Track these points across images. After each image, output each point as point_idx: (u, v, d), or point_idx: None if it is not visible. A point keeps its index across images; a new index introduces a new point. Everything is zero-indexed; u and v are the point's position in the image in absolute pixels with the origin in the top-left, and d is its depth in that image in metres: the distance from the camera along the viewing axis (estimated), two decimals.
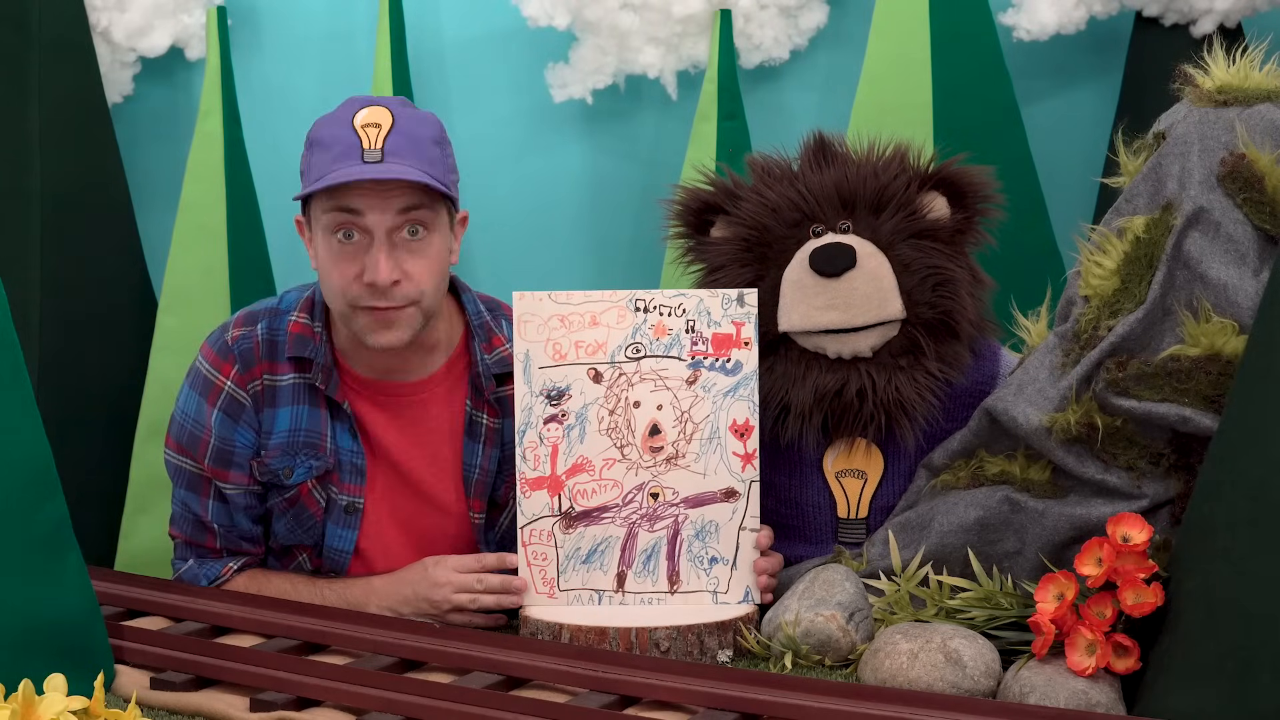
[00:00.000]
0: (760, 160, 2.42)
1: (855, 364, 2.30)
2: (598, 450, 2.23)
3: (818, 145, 2.38)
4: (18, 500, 1.87)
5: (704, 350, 2.24)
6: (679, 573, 2.24)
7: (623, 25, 3.07)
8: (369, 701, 1.90)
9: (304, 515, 2.37)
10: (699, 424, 2.24)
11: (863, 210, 2.33)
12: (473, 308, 2.40)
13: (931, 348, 2.30)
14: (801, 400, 2.30)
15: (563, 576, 2.24)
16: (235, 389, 2.34)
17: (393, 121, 2.24)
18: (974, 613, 2.11)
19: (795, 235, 2.34)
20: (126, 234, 3.16)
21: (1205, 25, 2.96)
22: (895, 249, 2.31)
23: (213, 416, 2.35)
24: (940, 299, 2.31)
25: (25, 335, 2.32)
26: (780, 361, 2.33)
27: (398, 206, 2.23)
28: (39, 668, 1.71)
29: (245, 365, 2.35)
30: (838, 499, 2.38)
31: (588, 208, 3.27)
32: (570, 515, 2.24)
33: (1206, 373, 2.07)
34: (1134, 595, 1.90)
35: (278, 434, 2.34)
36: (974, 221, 2.36)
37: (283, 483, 2.35)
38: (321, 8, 3.30)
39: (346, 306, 2.28)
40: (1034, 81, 3.14)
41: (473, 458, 2.38)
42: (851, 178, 2.33)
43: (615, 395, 2.23)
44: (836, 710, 1.82)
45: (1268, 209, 2.11)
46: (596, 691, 1.92)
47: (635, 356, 2.23)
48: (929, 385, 2.30)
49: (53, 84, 3.00)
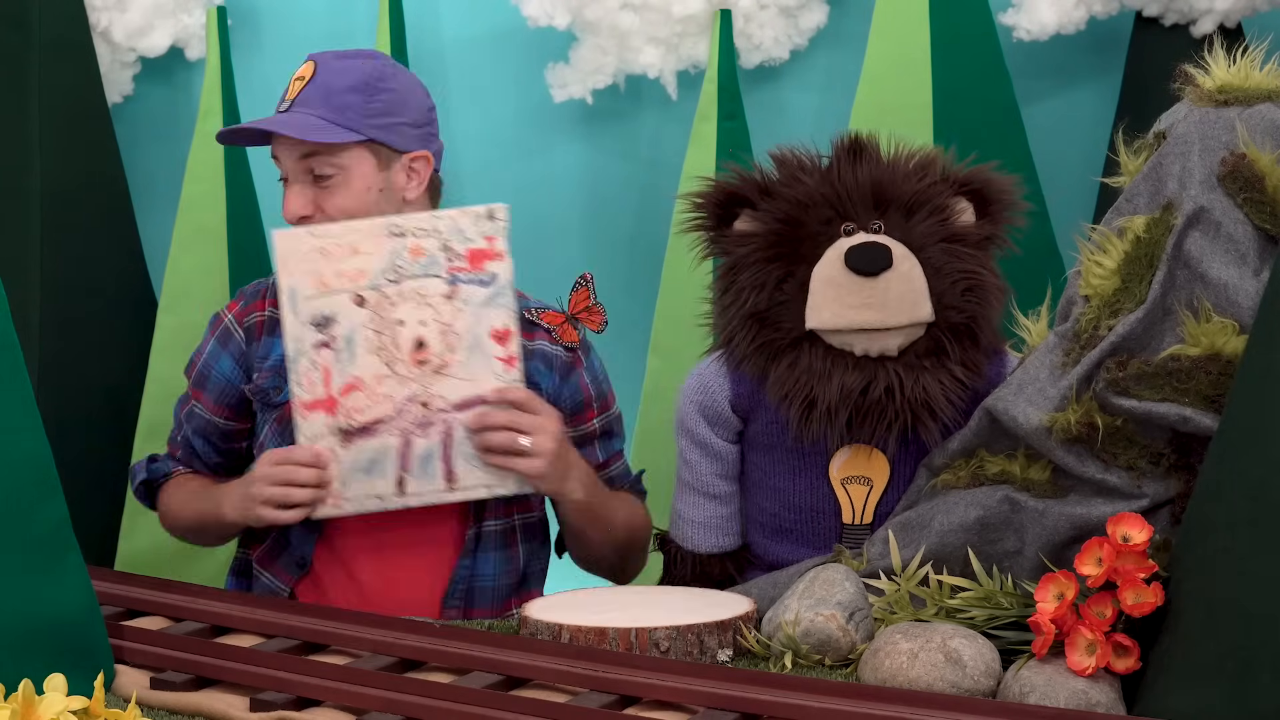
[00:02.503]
0: (789, 155, 2.39)
1: (882, 363, 2.29)
2: (369, 369, 2.33)
3: (853, 144, 2.37)
4: (18, 500, 1.87)
5: (460, 266, 2.34)
6: (455, 472, 2.34)
7: (623, 25, 3.07)
8: (369, 701, 1.90)
9: (291, 432, 2.40)
10: (461, 334, 2.34)
11: (895, 212, 2.32)
12: None
13: (956, 351, 2.30)
14: (828, 397, 2.29)
15: (346, 488, 2.34)
16: (232, 321, 2.51)
17: (314, 72, 2.42)
18: (974, 613, 2.11)
19: (826, 232, 2.32)
20: (126, 234, 3.16)
21: (1205, 25, 2.96)
22: (926, 252, 2.30)
23: (209, 343, 2.52)
24: (968, 304, 2.30)
25: (25, 335, 2.32)
26: (804, 357, 2.31)
27: (298, 153, 2.41)
28: (39, 668, 1.71)
29: (248, 301, 2.51)
30: (843, 505, 2.38)
31: (588, 208, 3.27)
32: (348, 431, 2.34)
33: (1206, 373, 2.07)
34: (1134, 595, 1.90)
35: (273, 358, 2.44)
36: (1000, 229, 2.36)
37: (273, 401, 2.45)
38: (321, 8, 3.31)
39: None
40: (1034, 81, 3.14)
41: None
42: (886, 178, 2.33)
43: (380, 317, 2.33)
44: (836, 710, 1.82)
45: (1268, 209, 2.11)
46: (596, 691, 1.92)
47: (396, 279, 2.33)
48: (954, 387, 2.30)
49: (53, 84, 3.00)
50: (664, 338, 3.04)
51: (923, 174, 2.34)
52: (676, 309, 3.00)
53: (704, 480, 2.46)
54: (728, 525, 2.48)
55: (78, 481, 2.53)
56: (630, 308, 3.19)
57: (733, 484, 2.47)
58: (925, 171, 2.35)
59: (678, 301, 3.00)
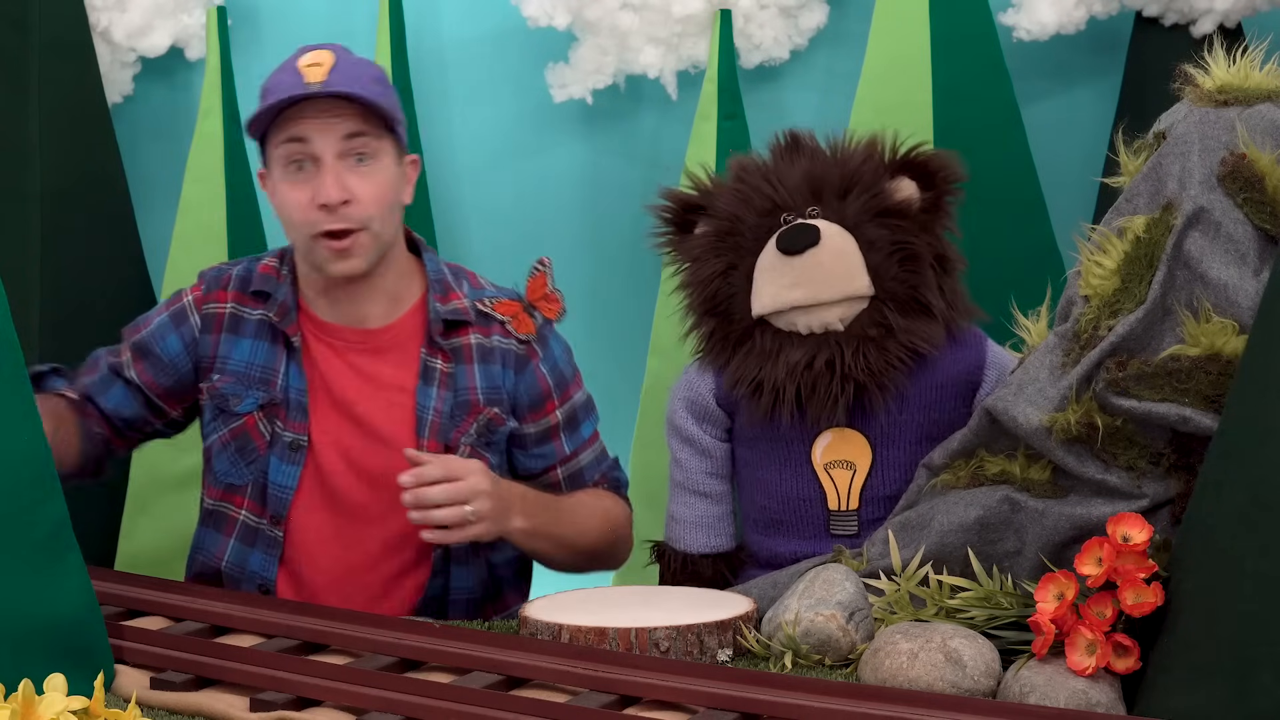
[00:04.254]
0: (737, 160, 2.48)
1: (826, 337, 2.35)
2: None
3: (789, 140, 2.45)
4: (18, 500, 1.86)
5: None
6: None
7: (623, 25, 3.07)
8: (369, 701, 1.90)
9: (248, 447, 2.42)
10: None
11: (830, 196, 2.38)
12: (433, 266, 2.49)
13: (901, 322, 2.34)
14: (774, 376, 2.34)
15: None
16: (191, 304, 2.49)
17: (334, 60, 2.37)
18: (974, 613, 2.11)
19: (767, 224, 2.39)
20: (126, 234, 3.16)
21: (1205, 25, 2.96)
22: (861, 228, 2.36)
23: (159, 316, 2.50)
24: (907, 274, 2.35)
25: (25, 335, 2.32)
26: (756, 344, 2.37)
27: (342, 133, 2.35)
28: (39, 668, 1.70)
29: (209, 288, 2.49)
30: (828, 491, 2.40)
31: (588, 208, 3.27)
32: None
33: (1206, 373, 2.07)
34: (1134, 595, 1.90)
35: (235, 361, 2.44)
36: (942, 202, 2.40)
37: (231, 409, 2.43)
38: (321, 8, 3.31)
39: (306, 238, 2.38)
40: (1034, 81, 3.14)
41: (426, 399, 2.43)
42: (820, 167, 2.39)
43: None
44: (836, 710, 1.82)
45: (1268, 209, 2.11)
46: (596, 691, 1.92)
47: None
48: (901, 356, 2.34)
49: (53, 84, 3.00)
50: (664, 338, 3.04)
51: (858, 157, 2.40)
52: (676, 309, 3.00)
53: (694, 479, 2.48)
54: (719, 525, 2.48)
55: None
56: (630, 308, 3.20)
57: (724, 483, 2.49)
58: (860, 155, 2.41)
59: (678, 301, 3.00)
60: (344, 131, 2.35)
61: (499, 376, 2.45)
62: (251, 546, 2.44)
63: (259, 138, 2.41)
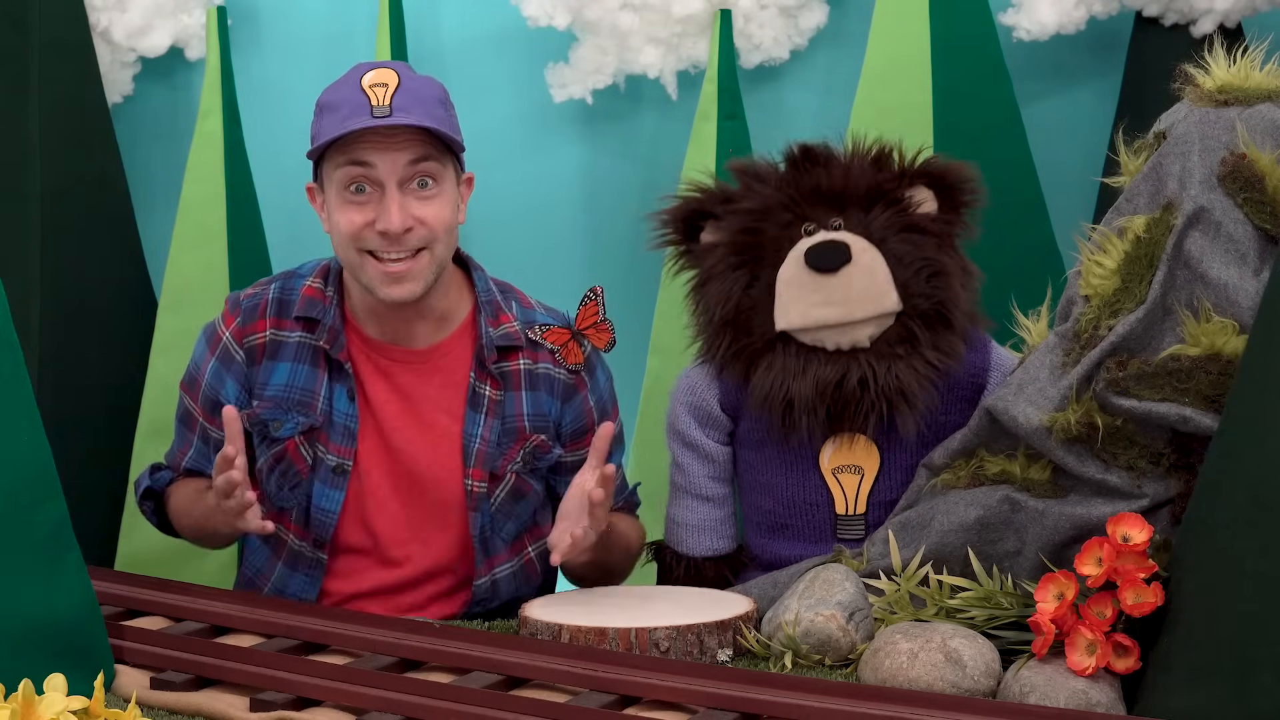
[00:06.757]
0: (745, 164, 2.45)
1: (855, 354, 2.32)
2: None
3: (802, 151, 2.41)
4: (18, 500, 1.86)
5: None
6: None
7: (623, 25, 3.07)
8: (369, 701, 1.90)
9: (290, 471, 2.38)
10: None
11: (854, 207, 2.35)
12: (482, 285, 2.44)
13: (927, 337, 2.33)
14: (804, 394, 2.31)
15: None
16: (231, 341, 2.41)
17: (399, 81, 2.30)
18: (974, 612, 2.11)
19: (788, 235, 2.36)
20: (126, 234, 3.16)
21: (1205, 25, 2.96)
22: (888, 243, 2.34)
23: (209, 364, 2.42)
24: (934, 289, 2.34)
25: (25, 335, 2.32)
26: (779, 358, 2.34)
27: (407, 158, 2.28)
28: (39, 668, 1.71)
29: (246, 319, 2.41)
30: (835, 496, 2.39)
31: (587, 208, 3.27)
32: None
33: (1206, 373, 2.07)
34: (1134, 595, 1.90)
35: (273, 386, 2.39)
36: (961, 214, 2.39)
37: (271, 434, 2.38)
38: (321, 8, 3.30)
39: (356, 254, 2.32)
40: (1034, 81, 3.14)
41: (474, 427, 2.39)
42: (840, 176, 2.36)
43: None
44: (836, 710, 1.82)
45: (1268, 209, 2.11)
46: (596, 691, 1.92)
47: None
48: (928, 373, 2.32)
49: (53, 84, 3.00)
50: (664, 338, 3.04)
51: (880, 168, 2.38)
52: (676, 309, 2.99)
53: (696, 483, 2.47)
54: (721, 528, 2.48)
55: (78, 481, 2.53)
56: (630, 308, 3.19)
57: (725, 487, 2.48)
58: (882, 165, 2.39)
59: (677, 302, 2.98)
60: (409, 158, 2.28)
61: (546, 405, 2.42)
62: (294, 570, 2.42)
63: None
